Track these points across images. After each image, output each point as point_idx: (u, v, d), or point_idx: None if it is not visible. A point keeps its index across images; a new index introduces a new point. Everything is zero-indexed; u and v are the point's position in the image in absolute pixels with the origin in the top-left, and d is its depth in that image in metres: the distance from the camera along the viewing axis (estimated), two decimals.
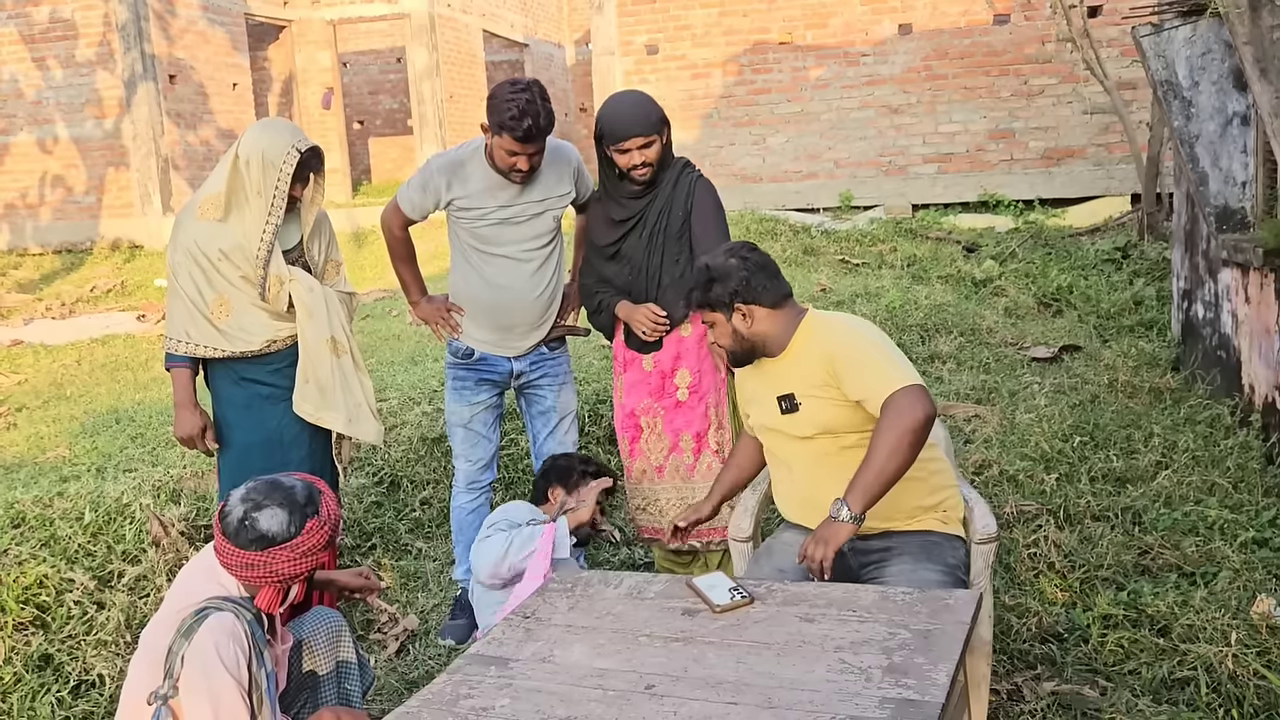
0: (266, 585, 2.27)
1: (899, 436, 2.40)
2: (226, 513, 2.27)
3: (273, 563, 2.23)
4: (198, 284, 3.21)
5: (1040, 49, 10.17)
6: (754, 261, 2.69)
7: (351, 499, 4.35)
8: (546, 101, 3.23)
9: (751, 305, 2.67)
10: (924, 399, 2.45)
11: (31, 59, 13.19)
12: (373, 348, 6.67)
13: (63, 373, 7.22)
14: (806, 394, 2.64)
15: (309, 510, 2.28)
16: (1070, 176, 10.24)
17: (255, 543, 2.23)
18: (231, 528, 2.24)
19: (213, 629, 2.17)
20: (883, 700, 1.80)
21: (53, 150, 13.31)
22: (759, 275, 2.68)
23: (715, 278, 2.68)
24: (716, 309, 2.70)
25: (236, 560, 2.25)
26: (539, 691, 2.02)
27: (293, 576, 2.27)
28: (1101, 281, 8.01)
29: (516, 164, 3.27)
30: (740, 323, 2.69)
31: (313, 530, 2.27)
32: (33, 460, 4.71)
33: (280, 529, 2.24)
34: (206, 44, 13.95)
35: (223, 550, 2.26)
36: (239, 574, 2.26)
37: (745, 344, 2.72)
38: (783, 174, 11.08)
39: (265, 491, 2.28)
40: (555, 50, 21.13)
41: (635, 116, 3.32)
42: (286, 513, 2.25)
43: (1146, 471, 4.39)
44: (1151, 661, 3.07)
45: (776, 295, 2.70)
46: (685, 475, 3.51)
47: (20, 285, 11.84)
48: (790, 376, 2.68)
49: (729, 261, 2.68)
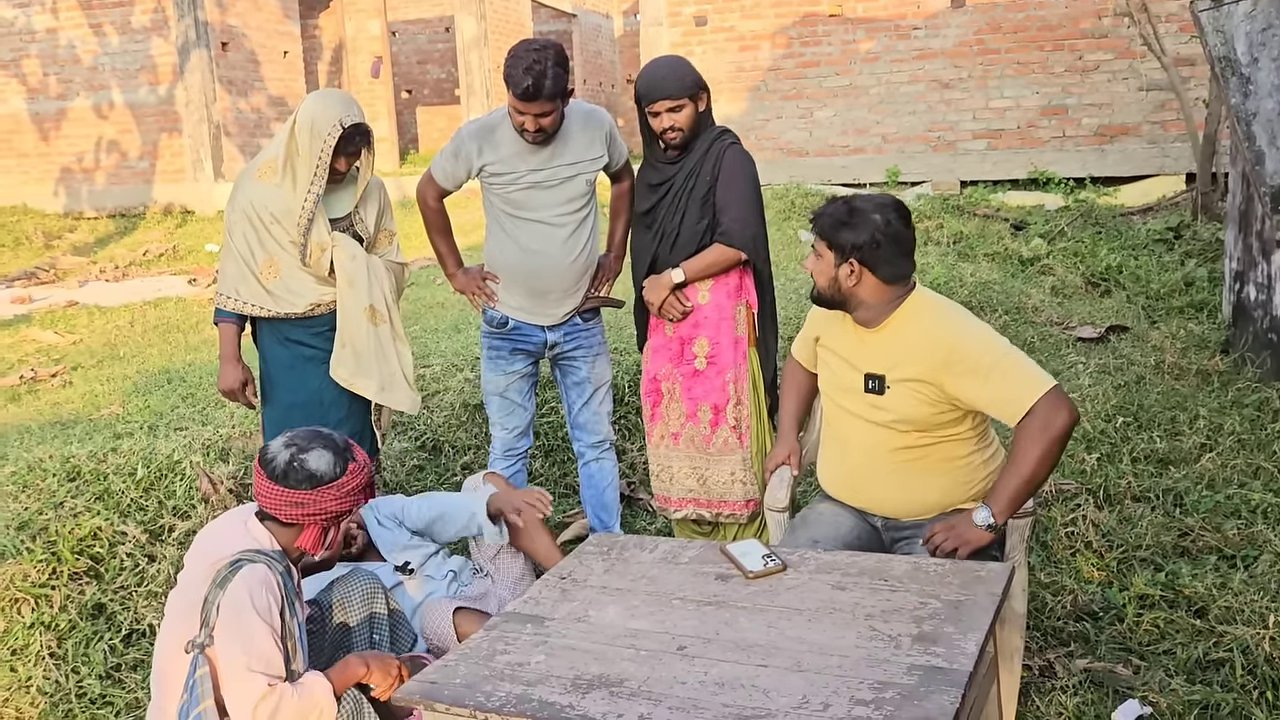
0: (313, 524, 2.38)
1: (1049, 446, 2.41)
2: (270, 457, 2.38)
3: (321, 500, 2.36)
4: (250, 244, 3.28)
5: (1096, 23, 9.98)
6: (894, 230, 2.55)
7: (394, 462, 4.43)
8: (559, 66, 3.21)
9: (865, 268, 2.56)
10: (1066, 403, 2.43)
11: (89, 25, 13.39)
12: (417, 315, 6.75)
13: (116, 333, 7.38)
14: (898, 379, 2.58)
15: (349, 455, 2.42)
16: (1124, 154, 10.07)
17: (305, 481, 2.35)
18: (280, 469, 2.35)
19: (246, 578, 2.26)
20: (911, 667, 1.82)
21: (108, 115, 13.52)
22: (890, 246, 2.55)
23: (849, 223, 2.55)
24: (833, 248, 2.59)
25: (286, 500, 2.35)
26: (573, 649, 2.07)
27: (338, 514, 2.40)
28: (1152, 262, 7.89)
29: (524, 124, 3.28)
30: (845, 275, 2.58)
31: (354, 473, 2.41)
32: (87, 417, 4.83)
33: (328, 468, 2.37)
34: (258, 11, 14.07)
35: (269, 493, 2.36)
36: (287, 513, 2.36)
37: (838, 295, 2.62)
38: (829, 148, 11.00)
39: (308, 437, 2.42)
40: (603, 21, 21.05)
41: (666, 78, 3.35)
42: (332, 454, 2.39)
43: (1190, 453, 4.35)
44: (1187, 642, 3.06)
45: (895, 272, 2.58)
46: (701, 446, 3.52)
47: (75, 248, 12.07)
48: (886, 356, 2.61)
49: (873, 215, 2.54)
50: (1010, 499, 2.42)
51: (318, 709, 2.30)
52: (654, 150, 3.48)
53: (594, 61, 19.94)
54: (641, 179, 3.57)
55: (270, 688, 2.22)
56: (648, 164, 3.53)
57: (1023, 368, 2.48)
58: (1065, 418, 2.41)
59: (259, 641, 2.24)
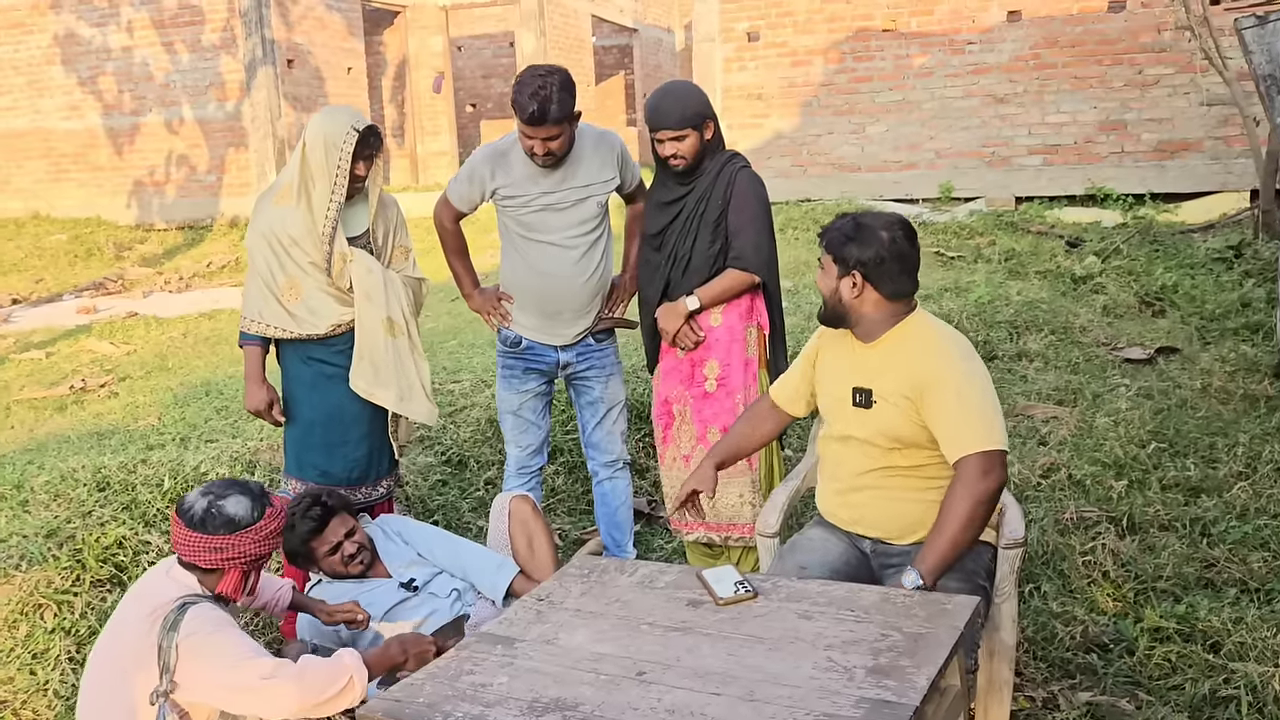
0: (233, 568, 2.42)
1: (972, 507, 2.41)
2: (188, 506, 2.43)
3: (240, 544, 2.40)
4: (271, 267, 3.36)
5: (1157, 37, 9.76)
6: (899, 248, 2.56)
7: (416, 476, 4.49)
8: (564, 90, 3.26)
9: (868, 283, 2.58)
10: (999, 469, 2.44)
11: (161, 43, 13.82)
12: (456, 329, 6.84)
13: (168, 345, 7.59)
14: (884, 394, 2.59)
15: (265, 500, 2.48)
16: (1184, 170, 9.83)
17: (224, 526, 2.40)
18: (198, 516, 2.40)
19: (196, 614, 2.32)
20: (859, 700, 1.81)
21: (179, 131, 13.94)
22: (893, 263, 2.56)
23: (855, 238, 2.57)
24: (837, 262, 2.60)
25: (205, 546, 2.39)
26: (537, 672, 2.08)
27: (258, 558, 2.44)
28: (1209, 281, 7.68)
29: (533, 148, 3.33)
30: (847, 289, 2.59)
31: (271, 516, 2.47)
32: (125, 428, 4.99)
33: (246, 513, 2.42)
34: (324, 29, 14.40)
35: (188, 541, 2.40)
36: (205, 558, 2.39)
37: (840, 308, 2.64)
38: (882, 164, 10.90)
39: (224, 485, 2.48)
40: (664, 35, 21.14)
41: (669, 109, 3.37)
42: (249, 499, 2.44)
43: (1225, 482, 4.23)
44: (1197, 678, 2.98)
45: (897, 290, 2.59)
46: None
47: (144, 259, 12.45)
48: (875, 371, 2.62)
49: (879, 232, 2.56)
50: (938, 561, 2.40)
51: (346, 672, 2.33)
52: (665, 170, 3.50)
53: (654, 75, 20.02)
54: (652, 196, 3.59)
55: (276, 662, 2.28)
56: (659, 182, 3.55)
57: (985, 418, 2.47)
58: (993, 483, 2.44)
59: (239, 641, 2.31)
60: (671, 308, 3.48)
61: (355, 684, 2.34)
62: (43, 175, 14.79)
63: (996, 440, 2.45)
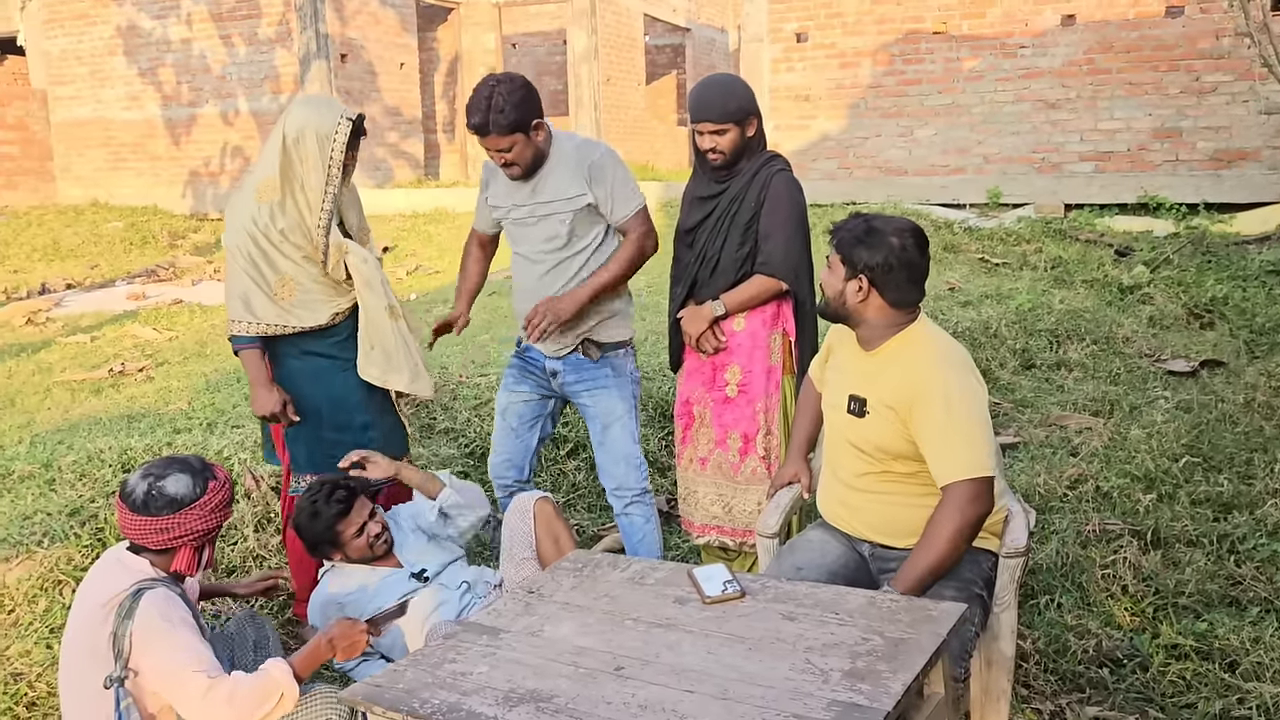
0: (183, 545, 2.43)
1: (954, 532, 2.39)
2: (130, 490, 2.43)
3: (186, 521, 2.41)
4: (259, 266, 3.28)
5: (1215, 44, 9.54)
6: (909, 256, 2.53)
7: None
8: (517, 101, 3.17)
9: (874, 288, 2.55)
10: (984, 497, 2.41)
11: (219, 36, 14.07)
12: (489, 324, 6.87)
13: (209, 331, 7.71)
14: (877, 404, 2.57)
15: (207, 474, 2.47)
16: (1241, 180, 9.59)
17: (167, 506, 2.40)
18: (140, 500, 2.40)
19: (151, 601, 2.33)
20: (831, 703, 1.78)
21: (234, 122, 14.18)
22: (901, 271, 2.53)
23: (865, 241, 2.54)
24: (846, 263, 2.58)
25: (150, 528, 2.39)
26: (517, 663, 2.08)
27: (206, 532, 2.45)
28: (1261, 293, 7.49)
29: (491, 157, 3.31)
30: (853, 291, 2.57)
31: (215, 490, 2.46)
32: (155, 412, 5.07)
33: (187, 490, 2.42)
34: (377, 24, 14.56)
35: (134, 525, 2.40)
36: (154, 540, 2.41)
37: (843, 309, 2.61)
38: (929, 167, 10.78)
39: (163, 465, 2.47)
40: (718, 35, 21.08)
41: (710, 102, 3.30)
42: (189, 476, 2.44)
43: (1259, 498, 4.12)
44: (1212, 696, 2.90)
45: (902, 298, 2.57)
46: (729, 473, 3.47)
47: (197, 248, 12.68)
48: (872, 380, 2.60)
49: (890, 238, 2.53)
50: (916, 584, 2.37)
51: (277, 688, 2.34)
52: (703, 163, 3.44)
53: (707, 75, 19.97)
54: (688, 191, 3.54)
55: (213, 679, 2.28)
56: (696, 176, 3.50)
57: (974, 443, 2.43)
58: (981, 509, 2.41)
59: (187, 645, 2.31)
60: (697, 311, 3.44)
61: (286, 699, 2.36)
62: (102, 164, 15.13)
63: (984, 466, 2.41)
